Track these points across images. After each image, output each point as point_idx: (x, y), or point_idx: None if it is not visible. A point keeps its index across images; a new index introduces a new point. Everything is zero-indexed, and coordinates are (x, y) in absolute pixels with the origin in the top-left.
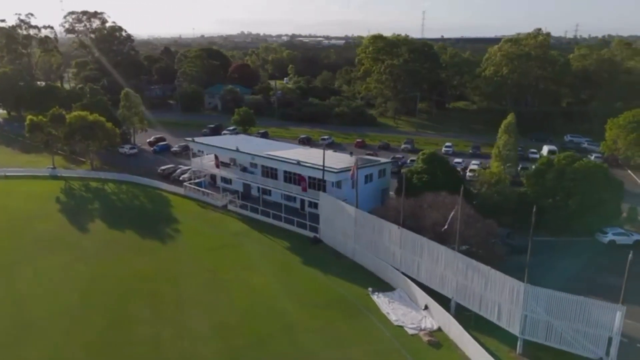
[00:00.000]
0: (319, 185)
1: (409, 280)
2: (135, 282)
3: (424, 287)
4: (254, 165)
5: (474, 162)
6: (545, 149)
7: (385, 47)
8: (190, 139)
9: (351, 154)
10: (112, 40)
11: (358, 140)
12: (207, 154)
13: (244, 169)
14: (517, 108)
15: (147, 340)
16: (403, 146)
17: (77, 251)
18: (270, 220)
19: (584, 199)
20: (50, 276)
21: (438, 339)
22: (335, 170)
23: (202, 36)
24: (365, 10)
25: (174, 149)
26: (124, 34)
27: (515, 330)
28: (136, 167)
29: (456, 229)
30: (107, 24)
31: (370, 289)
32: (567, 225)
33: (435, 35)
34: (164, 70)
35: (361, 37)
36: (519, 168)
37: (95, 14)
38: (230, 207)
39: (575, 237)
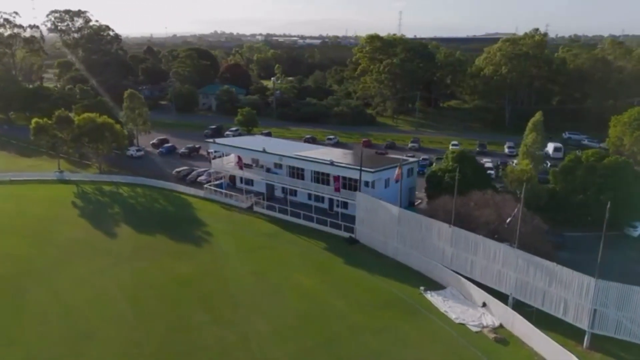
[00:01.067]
0: (349, 185)
1: (462, 279)
2: (182, 286)
3: (476, 284)
4: (278, 165)
5: (484, 159)
6: (550, 146)
7: (383, 46)
8: (211, 140)
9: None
10: (99, 39)
11: (364, 139)
12: (226, 155)
13: (268, 170)
14: (515, 107)
15: (212, 346)
16: (410, 145)
17: (111, 256)
18: (299, 221)
19: (617, 194)
20: (93, 283)
21: (503, 336)
22: (372, 170)
23: (175, 35)
24: (340, 10)
25: (181, 150)
26: (111, 33)
27: (583, 324)
28: (145, 170)
29: (516, 226)
30: (91, 23)
31: (422, 287)
32: (599, 220)
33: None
34: (150, 71)
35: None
36: (547, 165)
37: (78, 13)
38: (256, 208)
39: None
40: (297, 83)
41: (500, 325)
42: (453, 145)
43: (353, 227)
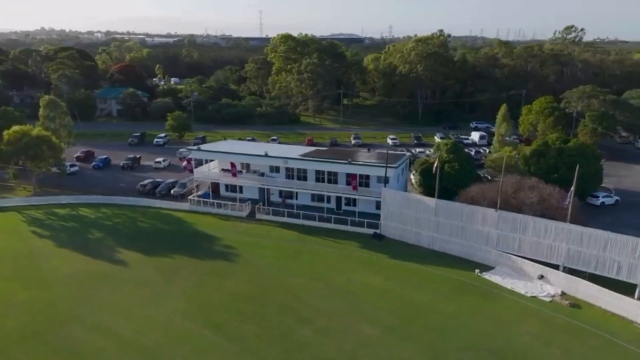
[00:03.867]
0: (360, 182)
1: (513, 257)
2: (250, 303)
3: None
4: (275, 169)
5: (419, 150)
6: (476, 135)
7: (297, 46)
8: (195, 147)
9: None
10: None
11: (308, 138)
12: (207, 163)
13: (262, 174)
14: (425, 101)
15: (338, 357)
16: (354, 142)
17: (145, 284)
18: (314, 223)
19: (585, 171)
20: (149, 315)
21: (574, 301)
22: (395, 166)
23: None
24: (188, 7)
25: (123, 162)
26: None
27: (636, 279)
28: (89, 187)
29: (569, 204)
30: None
31: (477, 270)
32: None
33: (272, 33)
34: (11, 74)
35: (210, 36)
36: (486, 151)
37: None
38: (259, 215)
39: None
40: (199, 84)
41: (562, 293)
42: (391, 139)
43: (377, 223)
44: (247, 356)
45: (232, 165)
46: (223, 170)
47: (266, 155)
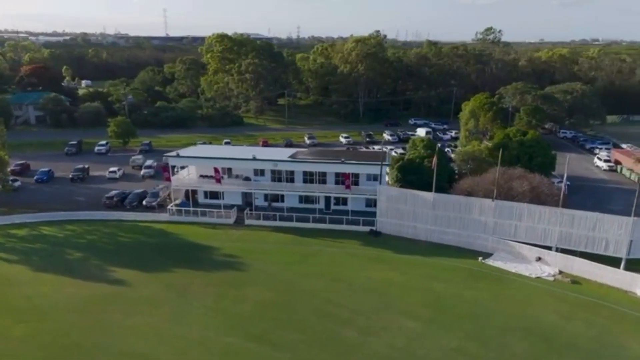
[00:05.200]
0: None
1: (510, 242)
2: (282, 311)
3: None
4: (259, 172)
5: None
6: (422, 131)
7: (233, 46)
8: (174, 154)
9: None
10: None
11: (263, 139)
12: (181, 170)
13: (247, 179)
14: (365, 100)
15: (394, 354)
16: (309, 141)
17: (162, 304)
18: (307, 225)
19: (542, 160)
20: (179, 336)
21: (572, 278)
22: (389, 163)
23: None
24: (78, 4)
25: (72, 174)
26: None
27: (622, 253)
28: (39, 203)
29: (562, 192)
30: None
31: (480, 257)
32: None
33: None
34: None
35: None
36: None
37: None
38: (248, 221)
39: None
40: (123, 86)
41: (560, 271)
42: (344, 137)
43: (371, 220)
44: None
45: (216, 170)
46: (202, 176)
47: (254, 159)
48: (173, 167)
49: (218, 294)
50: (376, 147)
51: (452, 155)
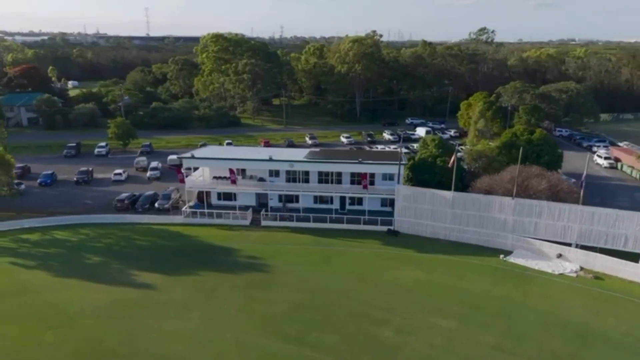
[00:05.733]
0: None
1: (531, 239)
2: (315, 312)
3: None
4: (274, 173)
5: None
6: (422, 130)
7: (229, 46)
8: (189, 155)
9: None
10: None
11: (264, 140)
12: (194, 171)
13: (261, 179)
14: (362, 100)
15: (435, 353)
16: (310, 142)
17: (187, 308)
18: (325, 225)
19: (550, 158)
20: (216, 339)
21: (594, 274)
22: (406, 163)
23: None
24: (50, 4)
25: (77, 177)
26: None
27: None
28: (47, 207)
29: (581, 189)
30: None
31: (501, 255)
32: None
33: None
34: None
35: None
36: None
37: None
38: (264, 222)
39: None
40: (114, 86)
41: (581, 268)
42: (346, 137)
43: (388, 220)
44: None
45: (232, 171)
46: (216, 177)
47: (271, 160)
48: (188, 168)
49: (247, 296)
50: (379, 147)
51: (461, 154)
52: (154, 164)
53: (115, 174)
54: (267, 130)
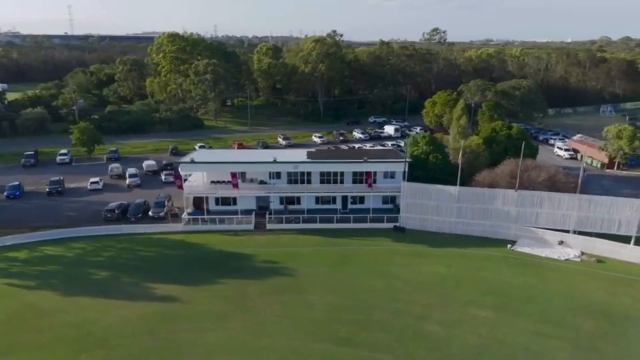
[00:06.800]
0: (364, 180)
1: (533, 229)
2: (356, 313)
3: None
4: (274, 175)
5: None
6: (391, 128)
7: (187, 46)
8: (188, 160)
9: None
10: None
11: (238, 142)
12: (188, 177)
13: (262, 182)
14: (324, 99)
15: (485, 342)
16: (284, 142)
17: (222, 318)
18: (331, 225)
19: (527, 152)
20: (267, 348)
21: (597, 258)
22: (410, 160)
23: None
24: None
25: (48, 187)
26: None
27: (632, 232)
28: (23, 222)
29: (580, 181)
30: None
31: (509, 245)
32: None
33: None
34: None
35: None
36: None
37: None
38: (270, 225)
39: None
40: (56, 89)
41: (582, 252)
42: (318, 137)
43: (394, 217)
44: None
45: (233, 175)
46: (214, 182)
47: (275, 162)
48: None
49: (281, 302)
50: (368, 146)
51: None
52: (131, 170)
53: (92, 183)
54: (232, 132)
